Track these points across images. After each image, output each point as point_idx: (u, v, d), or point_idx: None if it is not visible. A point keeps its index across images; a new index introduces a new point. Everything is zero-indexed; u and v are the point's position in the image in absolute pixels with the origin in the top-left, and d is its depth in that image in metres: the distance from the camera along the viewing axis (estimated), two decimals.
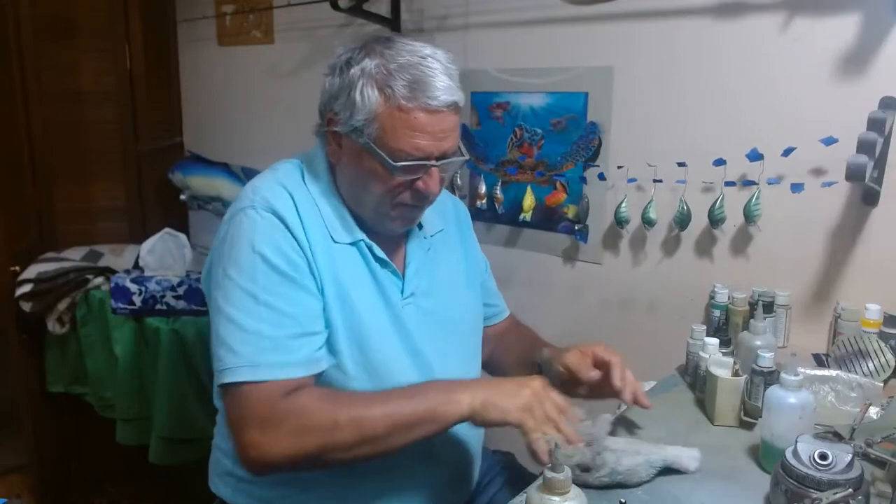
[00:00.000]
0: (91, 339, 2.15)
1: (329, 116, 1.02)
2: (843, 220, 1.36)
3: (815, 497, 0.79)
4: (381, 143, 0.97)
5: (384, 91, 0.95)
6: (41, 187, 2.36)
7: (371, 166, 0.99)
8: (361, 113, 0.96)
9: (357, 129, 0.98)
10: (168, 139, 2.65)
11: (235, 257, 0.96)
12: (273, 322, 0.94)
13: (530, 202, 1.75)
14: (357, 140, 0.98)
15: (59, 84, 2.37)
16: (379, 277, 1.06)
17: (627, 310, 1.69)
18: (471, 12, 1.82)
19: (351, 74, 0.97)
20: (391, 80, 0.95)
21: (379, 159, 0.97)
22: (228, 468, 1.12)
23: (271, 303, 0.95)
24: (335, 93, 1.00)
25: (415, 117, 0.96)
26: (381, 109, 0.96)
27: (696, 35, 1.47)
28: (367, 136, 0.97)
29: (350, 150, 1.01)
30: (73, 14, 2.38)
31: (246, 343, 0.93)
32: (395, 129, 0.96)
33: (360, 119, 0.97)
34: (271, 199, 0.99)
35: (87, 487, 2.44)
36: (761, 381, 1.09)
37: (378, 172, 0.99)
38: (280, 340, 0.94)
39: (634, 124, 1.60)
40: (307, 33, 2.18)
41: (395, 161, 0.97)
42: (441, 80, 0.96)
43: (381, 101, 0.96)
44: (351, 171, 1.02)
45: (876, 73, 1.28)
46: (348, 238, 1.04)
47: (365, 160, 0.99)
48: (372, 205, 1.03)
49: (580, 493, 0.78)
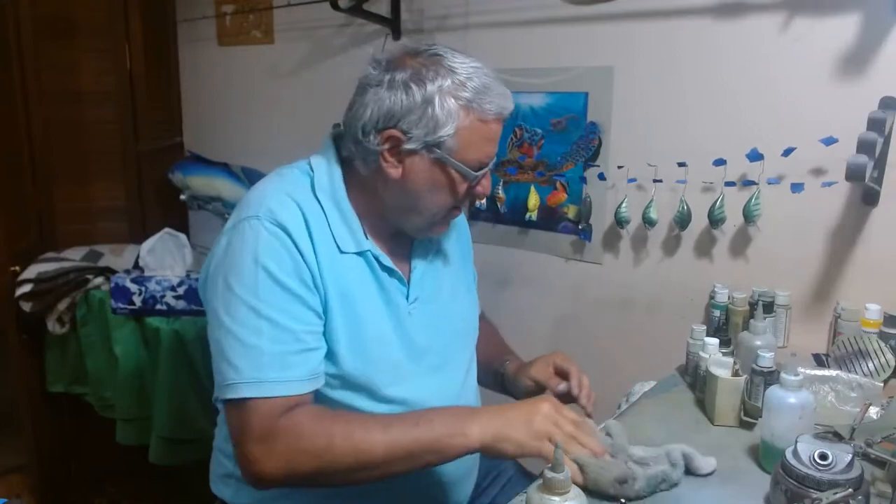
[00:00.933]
0: (91, 339, 2.15)
1: (391, 134, 0.98)
2: (843, 220, 1.36)
3: (815, 497, 0.79)
4: (461, 155, 1.00)
5: (466, 105, 0.98)
6: (41, 187, 2.36)
7: (448, 178, 1.01)
8: (443, 128, 0.97)
9: (435, 144, 0.98)
10: (168, 139, 2.65)
11: (238, 269, 0.95)
12: (274, 337, 0.93)
13: (535, 201, 1.76)
14: (431, 155, 0.99)
15: (59, 84, 2.37)
16: (385, 285, 1.06)
17: (627, 310, 1.69)
18: (471, 12, 1.82)
19: (427, 91, 0.96)
20: (469, 93, 0.98)
21: (458, 170, 1.00)
22: (229, 470, 1.12)
23: (273, 317, 0.94)
24: (404, 110, 0.97)
25: (491, 127, 1.01)
26: (463, 123, 0.98)
27: (696, 35, 1.47)
28: (445, 149, 0.98)
29: (420, 166, 1.00)
30: (73, 14, 2.38)
31: (246, 357, 0.92)
32: (475, 141, 1.00)
33: (442, 134, 0.97)
34: (277, 210, 0.97)
35: (87, 487, 2.44)
36: (761, 381, 1.09)
37: (450, 183, 1.02)
38: (280, 356, 0.93)
39: (634, 124, 1.60)
40: (307, 33, 2.18)
41: (473, 171, 1.01)
42: (500, 89, 1.02)
43: (462, 114, 0.98)
44: (417, 185, 1.01)
45: (876, 73, 1.28)
46: (355, 248, 1.03)
47: (440, 173, 1.01)
48: (432, 213, 1.05)
49: (580, 493, 0.78)
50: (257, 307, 0.93)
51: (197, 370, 1.94)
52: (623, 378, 1.45)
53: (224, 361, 0.94)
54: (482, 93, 0.98)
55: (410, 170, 1.00)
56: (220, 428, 1.17)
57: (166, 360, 1.94)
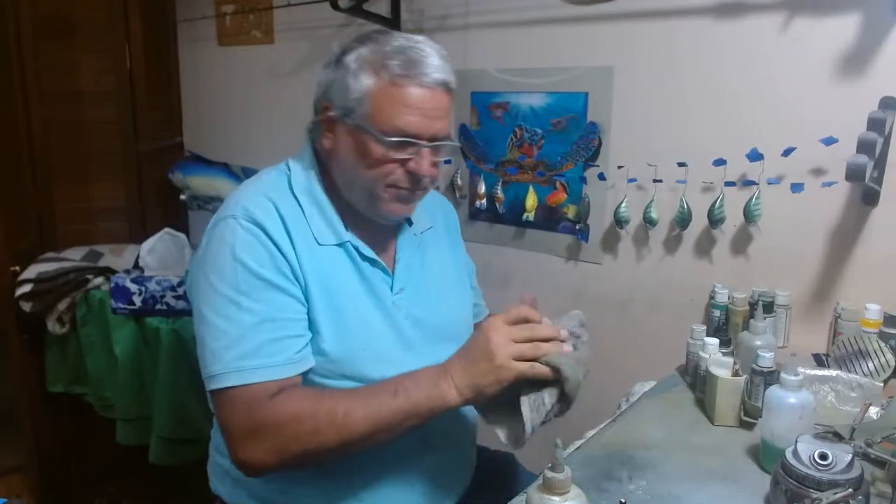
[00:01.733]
0: (91, 339, 2.15)
1: (324, 105, 1.05)
2: (843, 220, 1.36)
3: (815, 497, 0.79)
4: (374, 119, 1.00)
5: (378, 71, 0.99)
6: (41, 187, 2.35)
7: (364, 146, 1.01)
8: (354, 92, 1.00)
9: (350, 109, 1.01)
10: (168, 139, 2.65)
11: (218, 265, 0.98)
12: (254, 327, 0.96)
13: (533, 202, 1.76)
14: (350, 121, 1.01)
15: (59, 84, 2.37)
16: (367, 276, 1.07)
17: (627, 310, 1.69)
18: (471, 12, 1.82)
19: (345, 62, 1.02)
20: (385, 59, 0.99)
21: (372, 136, 1.00)
22: (226, 467, 1.12)
23: (253, 308, 0.97)
24: (330, 82, 1.04)
25: (407, 92, 0.99)
26: (373, 87, 0.99)
27: (696, 35, 1.47)
28: (359, 115, 1.00)
29: (344, 135, 1.03)
30: (73, 14, 2.38)
31: (228, 348, 0.95)
32: (387, 105, 0.99)
33: (353, 98, 1.00)
34: (252, 209, 1.01)
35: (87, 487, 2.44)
36: (761, 381, 1.09)
37: (371, 151, 1.01)
38: (262, 344, 0.96)
39: (634, 124, 1.60)
40: (307, 33, 2.18)
41: (386, 136, 0.99)
42: (434, 59, 1.00)
43: (374, 79, 0.99)
44: (345, 155, 1.04)
45: (876, 73, 1.28)
46: (334, 240, 1.06)
47: (358, 141, 1.01)
48: (366, 187, 1.04)
49: (580, 492, 0.78)
50: (237, 300, 0.97)
51: (197, 370, 1.92)
52: (623, 378, 1.45)
53: (208, 353, 0.97)
54: (398, 56, 0.99)
55: (338, 139, 1.04)
56: (215, 426, 1.17)
57: (166, 360, 1.94)
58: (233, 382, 0.94)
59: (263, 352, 0.96)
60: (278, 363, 0.96)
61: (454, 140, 1.07)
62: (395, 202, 1.06)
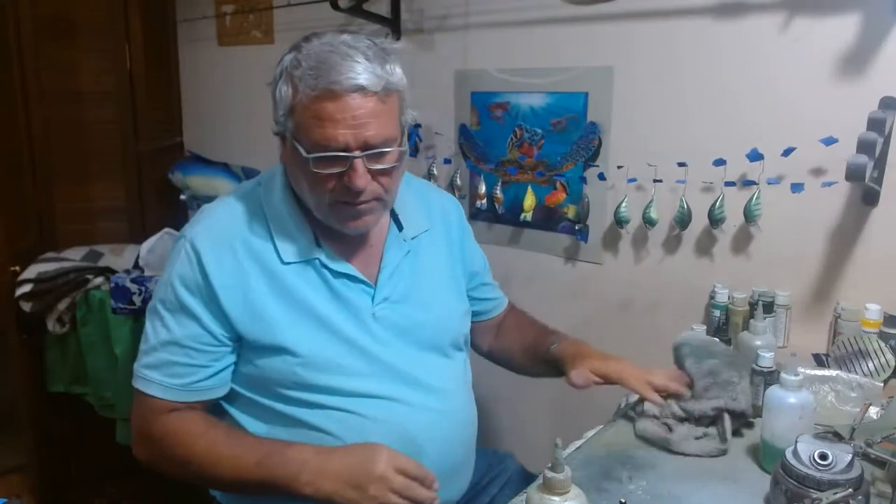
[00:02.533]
0: (91, 339, 2.15)
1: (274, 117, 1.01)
2: (843, 220, 1.36)
3: (815, 497, 0.79)
4: (298, 136, 0.95)
5: (294, 82, 0.94)
6: (41, 187, 2.35)
7: (296, 162, 0.98)
8: (281, 108, 0.97)
9: (282, 123, 0.98)
10: (168, 139, 2.65)
11: (161, 281, 1.05)
12: (164, 345, 1.02)
13: (531, 202, 1.76)
14: (287, 136, 0.98)
15: (59, 84, 2.37)
16: (339, 291, 1.05)
17: (627, 310, 1.69)
18: (471, 12, 1.82)
19: (275, 73, 0.99)
20: (298, 69, 0.94)
21: (297, 152, 0.95)
22: None
23: (168, 326, 1.02)
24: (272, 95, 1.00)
25: (320, 106, 0.92)
26: (293, 100, 0.94)
27: (696, 35, 1.47)
28: (289, 130, 0.97)
29: (286, 149, 1.01)
30: (73, 14, 2.38)
31: (144, 354, 1.03)
32: (306, 119, 0.93)
33: (280, 115, 0.97)
34: (202, 234, 1.03)
35: (87, 487, 2.44)
36: (761, 381, 1.09)
37: (304, 169, 0.96)
38: (168, 364, 1.01)
39: (634, 124, 1.60)
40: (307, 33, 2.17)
41: (309, 153, 0.94)
42: (349, 63, 0.92)
43: (291, 93, 0.94)
44: (290, 168, 1.03)
45: (876, 73, 1.28)
46: (299, 257, 1.03)
47: (293, 155, 0.98)
48: (313, 203, 1.01)
49: (580, 492, 0.78)
50: (163, 316, 1.02)
51: None
52: None
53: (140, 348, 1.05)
54: (313, 69, 0.92)
55: (286, 154, 1.02)
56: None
57: None
58: (138, 385, 1.03)
59: (164, 371, 1.01)
60: (174, 385, 1.01)
61: (397, 144, 0.98)
62: (345, 219, 1.00)
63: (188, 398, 1.02)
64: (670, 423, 1.08)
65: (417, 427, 1.05)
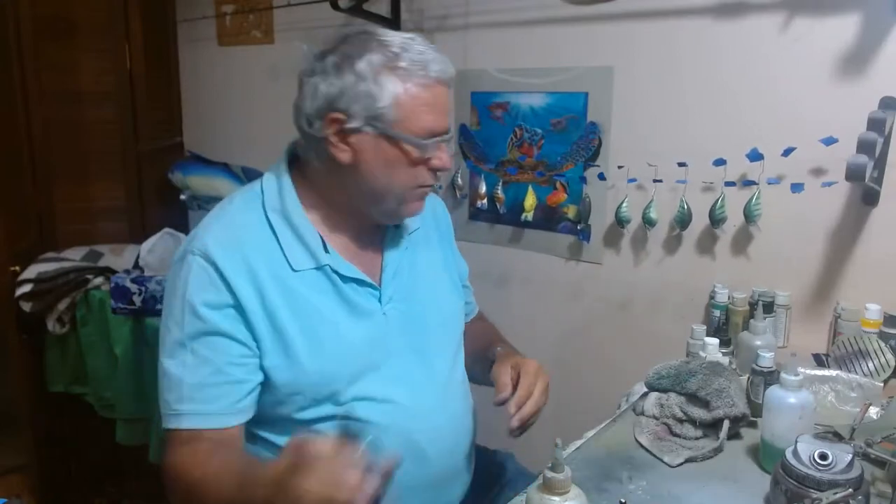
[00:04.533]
0: (91, 339, 2.15)
1: (333, 117, 0.98)
2: (843, 220, 1.36)
3: (815, 497, 0.79)
4: (405, 125, 0.98)
5: (398, 75, 0.97)
6: (41, 187, 2.35)
7: (393, 153, 0.99)
8: (382, 100, 0.97)
9: (377, 116, 0.97)
10: (168, 139, 2.65)
11: (170, 305, 1.00)
12: (195, 369, 0.97)
13: (532, 202, 1.76)
14: (375, 130, 0.98)
15: (59, 84, 2.37)
16: (349, 296, 1.05)
17: (627, 310, 1.69)
18: (471, 12, 1.82)
19: (358, 68, 0.97)
20: (401, 62, 0.97)
21: (406, 141, 0.99)
22: None
23: (196, 349, 0.97)
24: (339, 91, 0.97)
25: (430, 94, 0.99)
26: (398, 92, 0.97)
27: (696, 35, 1.47)
28: (388, 122, 0.98)
29: (367, 145, 0.99)
30: (73, 14, 2.38)
31: (170, 390, 0.97)
32: (415, 108, 0.98)
33: (380, 106, 0.97)
34: (212, 244, 0.99)
35: (87, 487, 2.44)
36: (761, 381, 1.09)
37: (401, 158, 1.00)
38: (200, 388, 0.96)
39: (634, 124, 1.60)
40: (307, 33, 2.18)
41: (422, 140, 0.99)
42: (440, 57, 1.01)
43: (397, 84, 0.97)
44: (370, 165, 1.00)
45: (876, 73, 1.28)
46: (312, 264, 1.03)
47: (386, 149, 0.99)
48: (397, 192, 1.03)
49: (580, 493, 0.78)
50: (183, 340, 0.97)
51: None
52: (623, 378, 1.45)
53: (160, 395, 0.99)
54: (415, 59, 0.98)
55: (360, 150, 1.00)
56: None
57: None
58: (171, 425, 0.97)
59: (202, 396, 0.96)
60: (214, 411, 0.97)
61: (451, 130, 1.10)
62: (419, 201, 1.07)
63: (224, 423, 0.97)
64: (670, 424, 1.09)
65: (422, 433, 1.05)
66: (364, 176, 1.01)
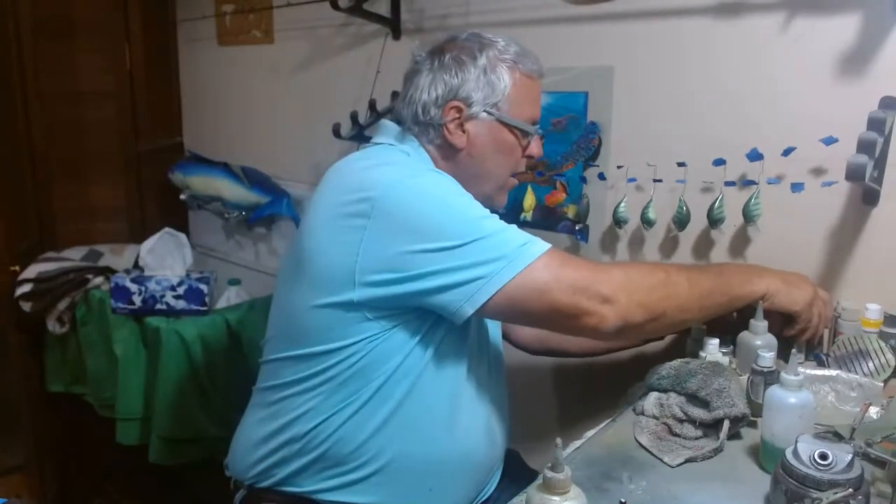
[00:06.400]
0: (91, 339, 2.15)
1: (454, 105, 1.10)
2: (843, 220, 1.36)
3: (815, 497, 0.79)
4: (515, 112, 1.12)
5: (513, 69, 1.12)
6: (41, 187, 2.36)
7: (504, 139, 1.12)
8: (499, 90, 1.10)
9: (493, 105, 1.11)
10: (168, 139, 2.65)
11: (432, 223, 0.96)
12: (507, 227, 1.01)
13: (531, 202, 1.75)
14: (491, 117, 1.11)
15: (58, 84, 2.37)
16: None
17: None
18: (471, 12, 1.82)
19: (479, 61, 1.10)
20: (513, 56, 1.12)
21: (516, 127, 1.12)
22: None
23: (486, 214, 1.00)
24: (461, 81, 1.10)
25: (536, 84, 1.15)
26: (512, 82, 1.11)
27: (696, 35, 1.47)
28: (503, 110, 1.11)
29: (481, 130, 1.12)
30: (73, 14, 2.38)
31: (505, 241, 0.98)
32: (524, 98, 1.13)
33: (499, 94, 1.10)
34: (424, 167, 1.08)
35: (87, 487, 2.45)
36: (761, 380, 1.08)
37: (510, 144, 1.13)
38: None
39: (634, 124, 1.60)
40: (307, 33, 2.18)
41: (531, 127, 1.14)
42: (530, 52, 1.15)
43: (511, 76, 1.11)
44: (481, 150, 1.12)
45: (876, 73, 1.28)
46: None
47: (498, 134, 1.12)
48: (499, 178, 1.15)
49: (580, 492, 0.78)
50: (478, 217, 0.99)
51: (197, 370, 1.94)
52: (623, 378, 1.44)
53: (475, 269, 0.95)
54: (522, 55, 1.12)
55: (474, 135, 1.12)
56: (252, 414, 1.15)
57: (166, 360, 1.94)
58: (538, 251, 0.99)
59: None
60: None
61: None
62: (506, 193, 1.19)
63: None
64: (670, 424, 1.09)
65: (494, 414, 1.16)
66: (474, 160, 1.13)
